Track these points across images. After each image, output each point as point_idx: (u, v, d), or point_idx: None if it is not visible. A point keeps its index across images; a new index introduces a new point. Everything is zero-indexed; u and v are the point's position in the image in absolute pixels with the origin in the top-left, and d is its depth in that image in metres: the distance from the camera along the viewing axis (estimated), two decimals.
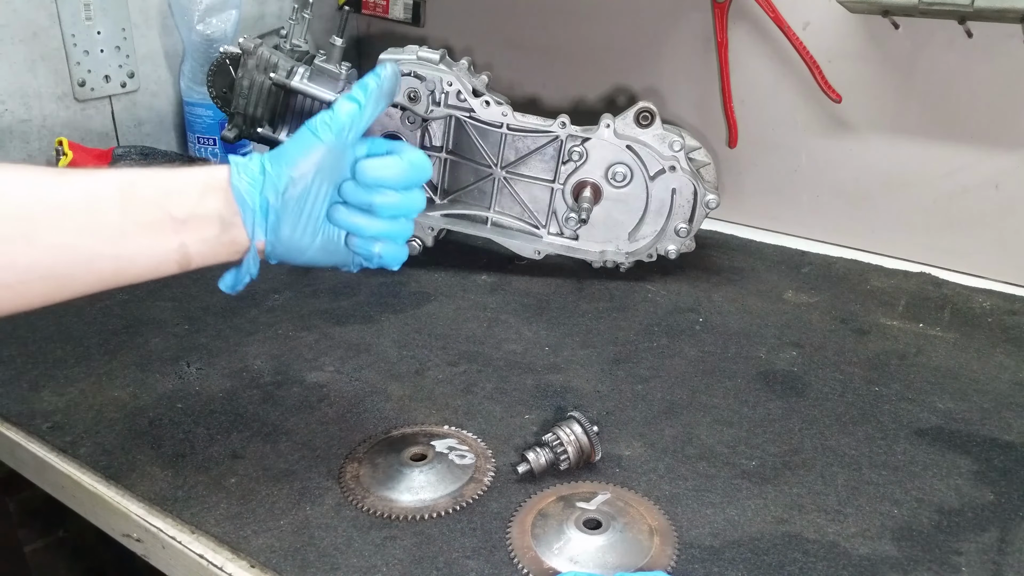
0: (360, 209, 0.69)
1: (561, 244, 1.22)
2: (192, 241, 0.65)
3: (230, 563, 0.72)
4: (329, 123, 0.67)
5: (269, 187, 0.66)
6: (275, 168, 0.66)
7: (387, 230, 0.71)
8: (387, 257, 0.72)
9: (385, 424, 0.89)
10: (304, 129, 0.68)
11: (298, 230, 0.68)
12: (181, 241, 0.65)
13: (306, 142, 0.67)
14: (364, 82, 0.71)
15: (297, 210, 0.67)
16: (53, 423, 0.89)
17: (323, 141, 0.67)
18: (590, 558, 0.70)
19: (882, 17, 1.18)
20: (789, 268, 1.28)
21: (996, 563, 0.71)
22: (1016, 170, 1.18)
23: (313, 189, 0.67)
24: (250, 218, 0.66)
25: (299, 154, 0.67)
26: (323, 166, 0.67)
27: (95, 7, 1.41)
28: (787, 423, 0.90)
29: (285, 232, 0.68)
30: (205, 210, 0.65)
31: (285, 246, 0.69)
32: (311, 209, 0.68)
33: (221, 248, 0.67)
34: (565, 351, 1.04)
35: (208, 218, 0.65)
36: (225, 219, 0.65)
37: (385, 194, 0.70)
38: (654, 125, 1.15)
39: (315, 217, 0.68)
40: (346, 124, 0.68)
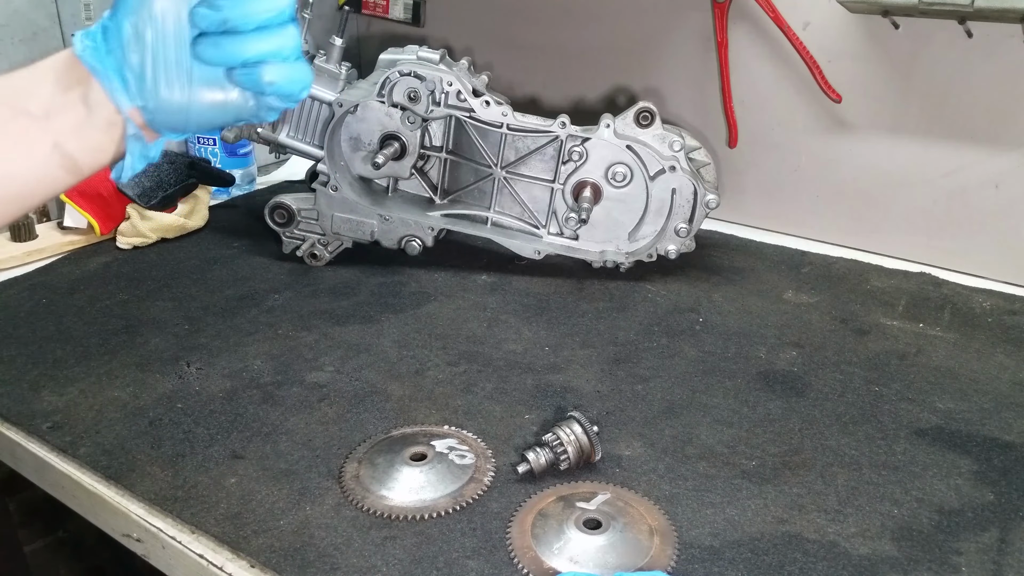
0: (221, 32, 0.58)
1: (561, 244, 1.22)
2: (64, 136, 0.58)
3: (230, 563, 0.72)
4: None
5: (114, 43, 0.57)
6: (115, 21, 0.57)
7: (267, 48, 0.59)
8: (281, 83, 0.60)
9: (385, 424, 0.89)
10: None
11: (163, 82, 0.58)
12: (52, 140, 0.58)
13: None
14: None
15: (154, 57, 0.57)
16: (53, 423, 0.89)
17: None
18: (590, 558, 0.70)
19: (882, 17, 1.18)
20: (789, 268, 1.28)
21: (996, 563, 0.71)
22: (1016, 170, 1.18)
23: (164, 27, 0.57)
24: (107, 83, 0.57)
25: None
26: None
27: (95, 7, 1.41)
28: (787, 423, 0.90)
29: (151, 88, 0.58)
30: (63, 97, 0.58)
31: (163, 108, 0.59)
32: (168, 52, 0.57)
33: (100, 135, 0.59)
34: (565, 351, 1.04)
35: (68, 103, 0.58)
36: (87, 98, 0.58)
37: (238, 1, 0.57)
38: (654, 125, 1.15)
39: (179, 60, 0.58)
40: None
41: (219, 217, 1.43)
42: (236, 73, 0.59)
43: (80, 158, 0.60)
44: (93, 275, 1.23)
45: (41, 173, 0.59)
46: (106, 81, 0.58)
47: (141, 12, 0.57)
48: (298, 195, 1.24)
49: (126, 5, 0.58)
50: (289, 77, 0.60)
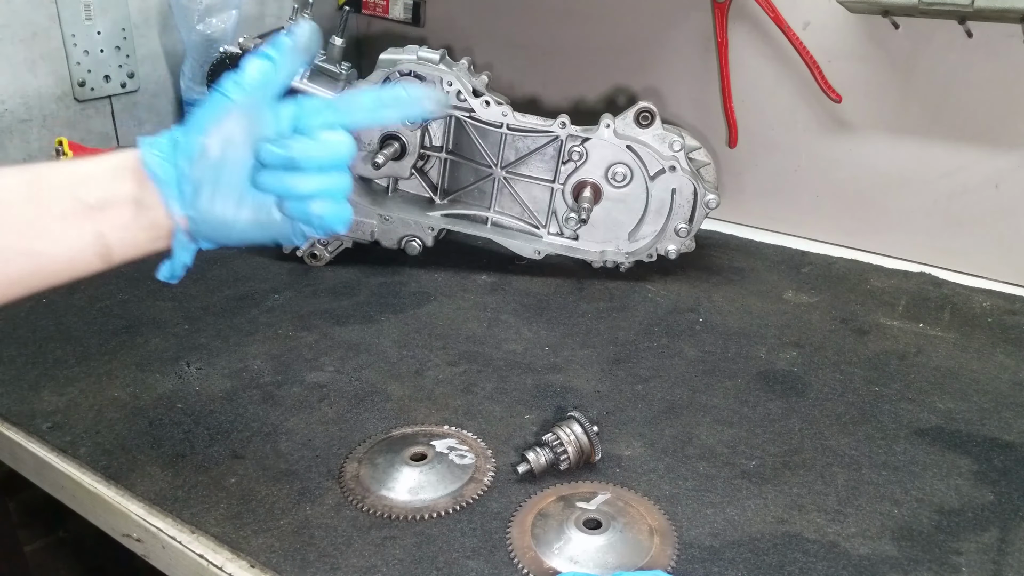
0: (285, 168, 0.63)
1: (561, 244, 1.22)
2: (109, 228, 0.61)
3: (230, 563, 0.72)
4: (239, 82, 0.62)
5: (181, 156, 0.61)
6: (186, 136, 0.62)
7: (320, 186, 0.64)
8: (328, 217, 0.65)
9: (385, 424, 0.89)
10: (214, 91, 0.63)
11: (218, 200, 0.62)
12: (97, 230, 0.61)
13: (216, 104, 0.62)
14: (278, 39, 0.64)
15: (214, 177, 0.62)
16: (53, 423, 0.89)
17: (233, 100, 0.62)
18: (590, 558, 0.70)
19: (882, 17, 1.18)
20: (789, 268, 1.28)
21: (996, 563, 0.71)
22: (1016, 170, 1.18)
23: (229, 153, 0.62)
24: (165, 191, 0.61)
25: (210, 118, 0.62)
26: (237, 128, 0.62)
27: (95, 7, 1.41)
28: (787, 423, 0.90)
29: (204, 203, 0.62)
30: (118, 193, 0.61)
31: (209, 221, 0.63)
32: (230, 176, 0.62)
33: (142, 233, 0.63)
34: (565, 351, 1.04)
35: (122, 201, 0.61)
36: (140, 200, 0.61)
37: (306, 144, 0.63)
38: (654, 125, 1.15)
39: (236, 185, 0.63)
40: (257, 81, 0.62)
41: None
42: (288, 204, 0.64)
43: (116, 250, 0.63)
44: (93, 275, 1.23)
45: (77, 257, 0.62)
46: (165, 190, 0.61)
47: (213, 136, 0.61)
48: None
49: (199, 125, 0.62)
50: (335, 214, 0.65)
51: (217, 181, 0.62)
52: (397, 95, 0.66)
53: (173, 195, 0.62)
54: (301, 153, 0.63)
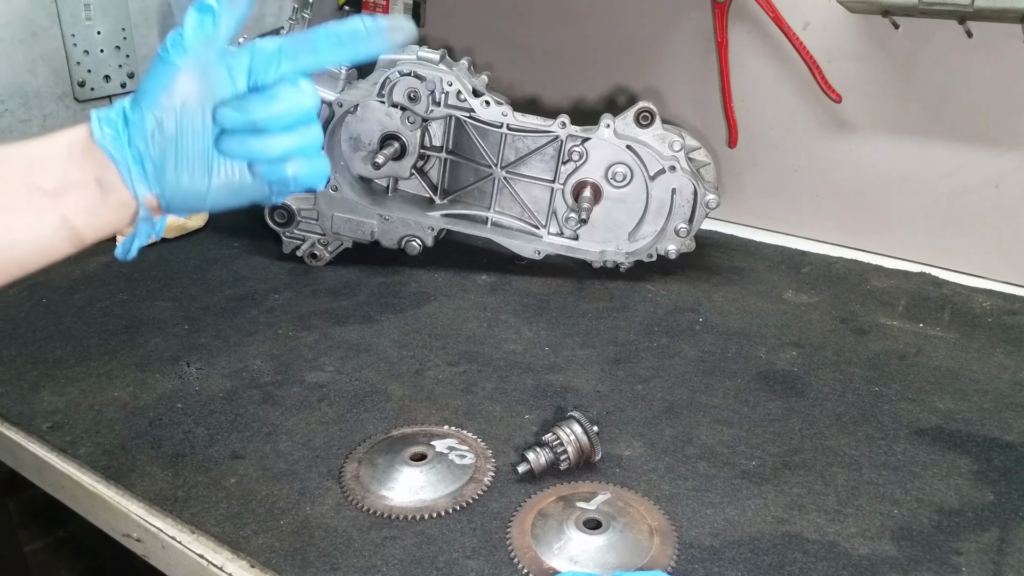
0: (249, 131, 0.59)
1: (561, 244, 1.22)
2: (73, 212, 0.58)
3: (230, 563, 0.72)
4: (179, 43, 0.57)
5: (136, 134, 0.58)
6: (136, 111, 0.58)
7: (290, 145, 0.60)
8: (303, 176, 0.62)
9: (385, 424, 0.89)
10: (156, 58, 0.58)
11: (185, 173, 0.59)
12: (60, 215, 0.58)
13: (160, 72, 0.58)
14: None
15: (175, 151, 0.58)
16: (53, 423, 0.89)
17: (178, 65, 0.57)
18: (590, 558, 0.70)
19: (882, 17, 1.18)
20: (789, 268, 1.28)
21: (996, 563, 0.71)
22: (1016, 170, 1.18)
23: (185, 123, 0.58)
24: (126, 173, 0.58)
25: (157, 87, 0.57)
26: (188, 93, 0.58)
27: (95, 7, 1.41)
28: (787, 423, 0.90)
29: (171, 178, 0.59)
30: (76, 176, 0.58)
31: (179, 194, 0.60)
32: (192, 145, 0.59)
33: (112, 214, 0.60)
34: (565, 351, 1.04)
35: (82, 183, 0.58)
36: (102, 181, 0.58)
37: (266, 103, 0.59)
38: (654, 125, 1.15)
39: (201, 153, 0.59)
40: (197, 38, 0.57)
41: (219, 217, 1.43)
42: (260, 167, 0.61)
43: (86, 233, 0.60)
44: (93, 275, 1.23)
45: (46, 244, 0.59)
46: (125, 170, 0.58)
47: (164, 106, 0.58)
48: (298, 195, 1.24)
49: (148, 98, 0.58)
50: (311, 171, 0.62)
51: (179, 154, 0.59)
52: (354, 28, 0.60)
53: (135, 176, 0.59)
54: (263, 114, 0.59)
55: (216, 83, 0.58)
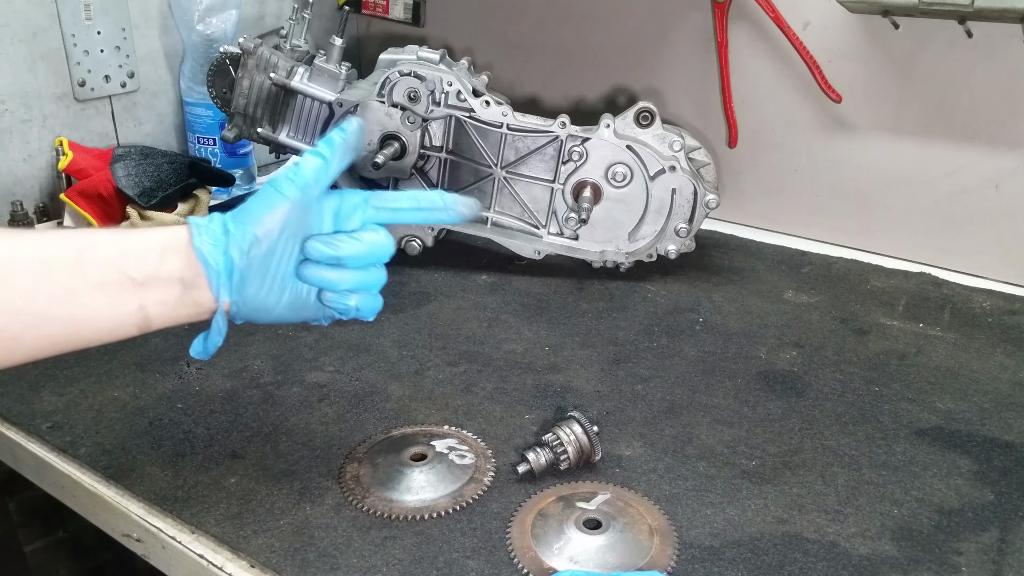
0: (330, 264, 0.67)
1: (561, 244, 1.22)
2: (152, 303, 0.63)
3: (230, 563, 0.72)
4: (293, 179, 0.65)
5: (233, 247, 0.64)
6: (238, 227, 0.64)
7: (360, 282, 0.68)
8: (364, 309, 0.70)
9: (385, 424, 0.89)
10: (267, 186, 0.66)
11: (264, 289, 0.66)
12: (140, 303, 0.63)
13: (270, 199, 0.65)
14: (330, 138, 0.68)
15: (263, 269, 0.65)
16: (53, 423, 0.89)
17: (288, 198, 0.65)
18: (590, 558, 0.70)
19: (882, 17, 1.18)
20: (789, 268, 1.28)
21: (996, 563, 0.71)
22: (1016, 170, 1.18)
23: (279, 247, 0.65)
24: (215, 279, 0.64)
25: (263, 212, 0.65)
26: (288, 223, 0.65)
27: (95, 7, 1.41)
28: (787, 423, 0.90)
29: (251, 292, 0.65)
30: (165, 272, 0.63)
31: (251, 306, 0.66)
32: (277, 267, 0.66)
33: (183, 310, 0.65)
34: (565, 351, 1.04)
35: (168, 280, 0.63)
36: (186, 281, 0.63)
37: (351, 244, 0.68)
38: (654, 125, 1.15)
39: (281, 275, 0.66)
40: (311, 180, 0.66)
41: None
42: (329, 295, 0.68)
43: (156, 322, 0.65)
44: None
45: (117, 327, 0.64)
46: (213, 275, 0.63)
47: (265, 229, 0.64)
48: None
49: (252, 218, 0.65)
50: (370, 306, 0.70)
51: (265, 272, 0.65)
52: (433, 200, 0.71)
53: (223, 283, 0.64)
54: (347, 252, 0.67)
55: (312, 220, 0.67)
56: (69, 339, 0.63)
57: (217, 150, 1.54)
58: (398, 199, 0.70)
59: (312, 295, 0.69)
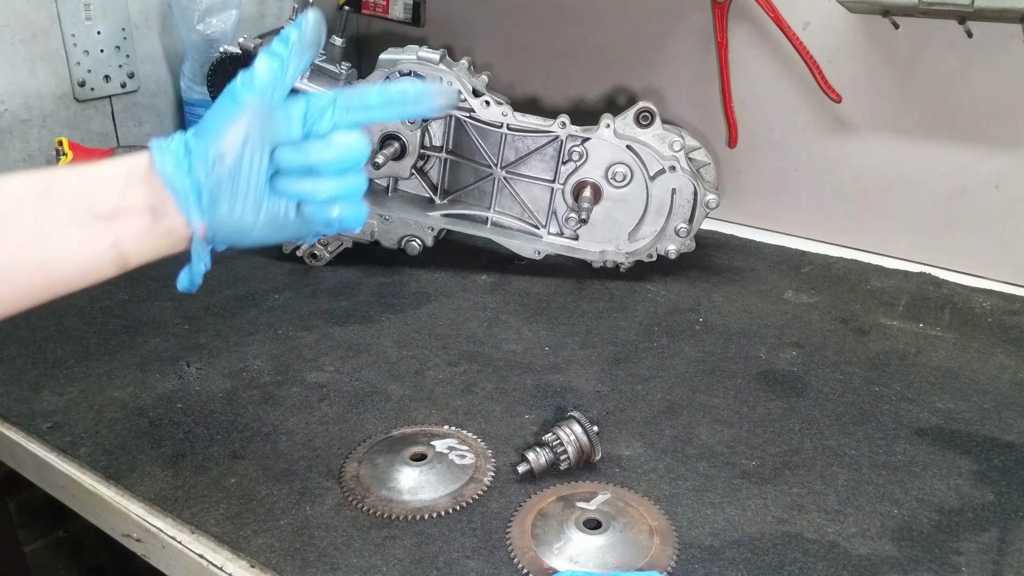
0: (304, 173, 0.63)
1: (561, 244, 1.22)
2: (124, 236, 0.60)
3: (230, 563, 0.72)
4: (250, 84, 0.61)
5: (197, 164, 0.60)
6: (199, 143, 0.61)
7: (340, 189, 0.64)
8: (347, 219, 0.66)
9: (385, 424, 0.89)
10: (224, 95, 0.61)
11: (238, 206, 0.62)
12: (112, 238, 0.60)
13: (228, 109, 0.61)
14: (284, 34, 0.63)
15: (232, 185, 0.61)
16: (53, 423, 0.89)
17: (246, 105, 0.61)
18: (590, 558, 0.70)
19: (882, 17, 1.18)
20: (789, 268, 1.28)
21: (996, 563, 0.71)
22: (1016, 170, 1.18)
23: (245, 158, 0.61)
24: (183, 201, 0.60)
25: (223, 123, 0.61)
26: (251, 132, 0.61)
27: (95, 7, 1.41)
28: (787, 423, 0.90)
29: (224, 210, 0.61)
30: (132, 201, 0.60)
31: (228, 227, 0.62)
32: (247, 180, 0.61)
33: (158, 240, 0.62)
34: (565, 351, 1.04)
35: (137, 209, 0.60)
36: (156, 208, 0.60)
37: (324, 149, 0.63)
38: (654, 125, 1.15)
39: (254, 189, 0.62)
40: (268, 82, 0.61)
41: None
42: (308, 208, 0.64)
43: (132, 257, 0.62)
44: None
45: (93, 265, 0.61)
46: (181, 198, 0.60)
47: (228, 141, 0.60)
48: None
49: (213, 131, 0.61)
50: (354, 216, 0.66)
51: (235, 188, 0.61)
52: (404, 90, 0.65)
53: (192, 204, 0.61)
54: (320, 158, 0.62)
55: (277, 126, 0.62)
56: (47, 284, 0.61)
57: None
58: (368, 94, 0.65)
59: (291, 210, 0.64)
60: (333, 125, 0.63)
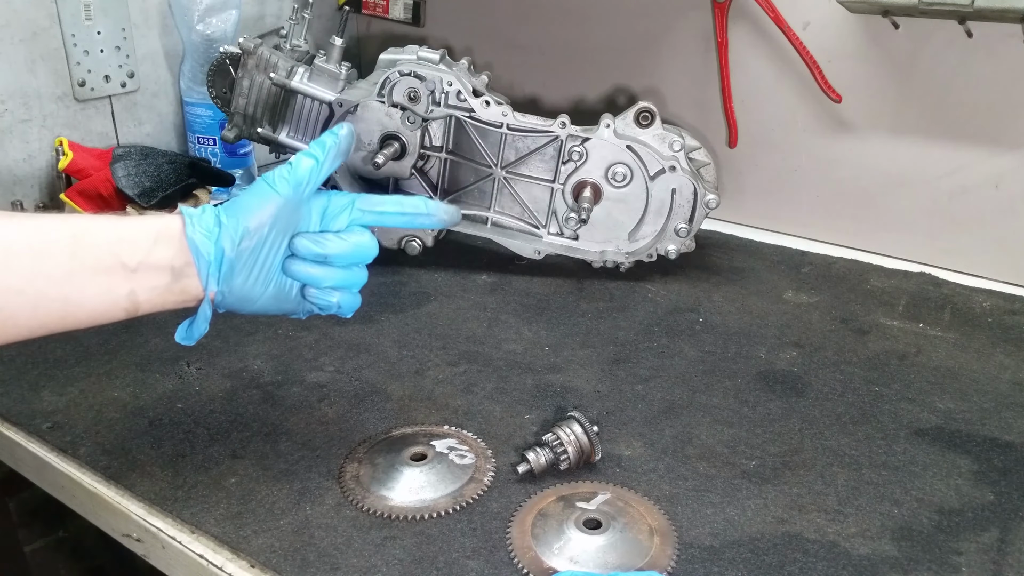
0: (316, 261, 0.71)
1: (561, 244, 1.22)
2: (142, 289, 0.65)
3: (230, 563, 0.72)
4: (287, 177, 0.68)
5: (225, 238, 0.66)
6: (231, 220, 0.67)
7: (343, 280, 0.72)
8: (345, 306, 0.74)
9: (385, 424, 0.90)
10: (261, 182, 0.69)
11: (251, 280, 0.69)
12: (131, 288, 0.65)
13: (263, 195, 0.68)
14: (322, 140, 0.72)
15: (251, 261, 0.68)
16: (53, 423, 0.89)
17: (280, 195, 0.68)
18: (590, 558, 0.70)
19: (882, 17, 1.18)
20: (789, 268, 1.28)
21: (996, 563, 0.71)
22: (1016, 170, 1.18)
23: (268, 241, 0.68)
24: (204, 268, 0.66)
25: (256, 206, 0.68)
26: (279, 219, 0.68)
27: (95, 7, 1.41)
28: (787, 423, 0.90)
29: (238, 282, 0.68)
30: (157, 259, 0.65)
31: (236, 295, 0.69)
32: (265, 260, 0.69)
33: (171, 296, 0.67)
34: (565, 351, 1.04)
35: (159, 267, 0.65)
36: (176, 269, 0.66)
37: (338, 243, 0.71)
38: (654, 125, 1.15)
39: (268, 268, 0.69)
40: (304, 179, 0.69)
41: None
42: (312, 292, 0.72)
43: (144, 307, 0.67)
44: None
45: (107, 310, 0.66)
46: (203, 265, 0.66)
47: (257, 223, 0.67)
48: None
49: (245, 212, 0.67)
50: (351, 304, 0.74)
51: (253, 264, 0.68)
52: (417, 205, 0.74)
53: (212, 272, 0.67)
54: (333, 251, 0.70)
55: (301, 218, 0.71)
56: (62, 320, 0.65)
57: (217, 150, 1.54)
58: (384, 203, 0.74)
59: (295, 289, 0.72)
60: (348, 224, 0.72)
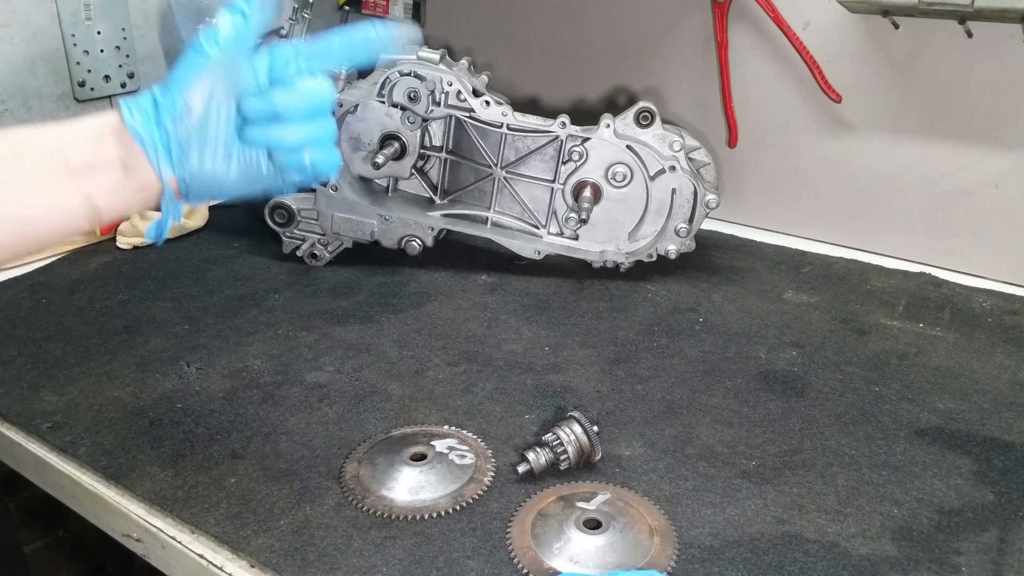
0: (270, 120, 0.64)
1: (561, 244, 1.22)
2: (97, 191, 0.62)
3: (230, 563, 0.72)
4: (214, 37, 0.62)
5: (165, 116, 0.61)
6: (166, 96, 0.62)
7: (308, 134, 0.65)
8: (319, 164, 0.67)
9: (385, 424, 0.89)
10: (189, 49, 0.63)
11: (208, 158, 0.63)
12: (84, 193, 0.61)
13: (193, 62, 0.62)
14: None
15: (201, 135, 0.63)
16: (53, 423, 0.89)
17: (211, 57, 0.62)
18: (590, 558, 0.70)
19: (882, 17, 1.18)
20: (789, 268, 1.28)
21: (996, 563, 0.71)
22: (1016, 170, 1.18)
23: (212, 110, 0.63)
24: (152, 153, 0.62)
25: (189, 76, 0.62)
26: (217, 83, 0.62)
27: (95, 7, 1.41)
28: (787, 423, 0.90)
29: (194, 162, 0.63)
30: (104, 156, 0.61)
31: (200, 179, 0.64)
32: (216, 131, 0.63)
33: (132, 195, 0.63)
34: (565, 351, 1.04)
35: (109, 164, 0.61)
36: (127, 162, 0.62)
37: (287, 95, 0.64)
38: (654, 125, 1.15)
39: (223, 140, 0.64)
40: (231, 36, 0.63)
41: (219, 217, 1.43)
42: (279, 155, 0.66)
43: (106, 212, 0.63)
44: (93, 275, 1.23)
45: (66, 220, 0.62)
46: (152, 151, 0.62)
47: (194, 92, 0.62)
48: (298, 195, 1.24)
49: (179, 84, 0.62)
50: (325, 160, 0.67)
51: (204, 139, 0.63)
52: (367, 35, 0.66)
53: (162, 156, 0.62)
54: (284, 104, 0.64)
55: (241, 77, 0.64)
56: (23, 238, 0.62)
57: None
58: (329, 39, 0.66)
59: (263, 159, 0.66)
60: (297, 72, 0.65)
